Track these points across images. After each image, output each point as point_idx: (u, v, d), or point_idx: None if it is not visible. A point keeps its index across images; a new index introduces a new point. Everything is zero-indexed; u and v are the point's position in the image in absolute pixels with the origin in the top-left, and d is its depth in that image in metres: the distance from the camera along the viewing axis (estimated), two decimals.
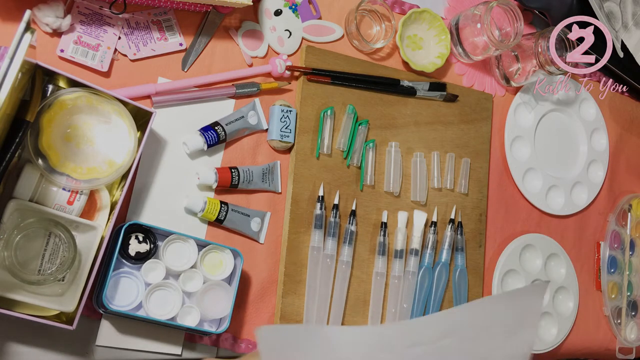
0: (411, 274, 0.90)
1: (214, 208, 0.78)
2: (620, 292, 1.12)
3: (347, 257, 0.85)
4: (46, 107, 0.65)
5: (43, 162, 0.65)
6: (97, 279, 0.70)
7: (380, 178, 0.91)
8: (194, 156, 0.80)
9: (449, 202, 0.96)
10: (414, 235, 0.91)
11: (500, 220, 1.02)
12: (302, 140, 0.86)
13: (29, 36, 0.56)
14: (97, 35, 0.75)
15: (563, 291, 1.05)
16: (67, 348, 0.72)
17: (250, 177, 0.81)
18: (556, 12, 1.07)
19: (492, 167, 1.02)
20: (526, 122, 1.06)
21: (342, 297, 0.85)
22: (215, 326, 0.76)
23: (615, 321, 1.10)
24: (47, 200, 0.67)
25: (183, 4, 0.79)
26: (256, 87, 0.84)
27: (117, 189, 0.74)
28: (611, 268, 1.11)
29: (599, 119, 1.15)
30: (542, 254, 1.03)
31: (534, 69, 0.98)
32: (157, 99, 0.77)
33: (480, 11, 0.94)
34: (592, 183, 1.12)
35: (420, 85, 0.95)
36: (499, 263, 0.99)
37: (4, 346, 0.70)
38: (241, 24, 0.85)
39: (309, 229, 0.84)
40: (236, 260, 0.77)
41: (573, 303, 1.06)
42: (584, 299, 1.08)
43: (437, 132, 0.97)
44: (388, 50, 0.95)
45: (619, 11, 1.12)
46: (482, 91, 1.03)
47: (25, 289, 0.65)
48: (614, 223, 1.13)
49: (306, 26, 0.89)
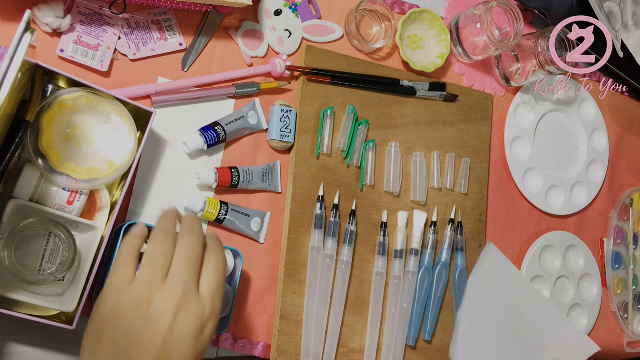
0: (411, 274, 0.90)
1: (214, 208, 0.78)
2: (626, 287, 1.12)
3: (347, 257, 0.85)
4: (46, 107, 0.65)
5: (43, 162, 0.65)
6: (97, 279, 0.70)
7: (380, 178, 0.91)
8: (194, 156, 0.80)
9: (449, 202, 0.96)
10: (414, 235, 0.91)
11: (500, 220, 1.02)
12: (302, 140, 0.86)
13: (29, 36, 0.56)
14: (97, 35, 0.75)
15: (587, 278, 1.09)
16: (67, 348, 0.72)
17: (250, 177, 0.81)
18: (556, 12, 1.08)
19: (492, 167, 1.02)
20: (526, 122, 1.06)
21: (342, 297, 0.85)
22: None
23: (623, 316, 1.11)
24: (47, 200, 0.67)
25: (183, 4, 0.79)
26: (256, 87, 0.84)
27: (117, 189, 0.74)
28: (616, 264, 1.12)
29: (599, 119, 1.15)
30: (560, 251, 1.06)
31: (534, 69, 0.98)
32: (157, 99, 0.77)
33: (480, 11, 0.94)
34: (592, 183, 1.12)
35: (420, 85, 0.95)
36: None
37: (4, 346, 0.70)
38: (241, 24, 0.85)
39: (309, 229, 0.84)
40: (236, 260, 0.77)
41: (597, 289, 1.10)
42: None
43: (437, 132, 0.97)
44: (388, 50, 0.95)
45: (619, 11, 1.12)
46: (482, 91, 1.03)
47: (25, 289, 0.65)
48: (616, 219, 1.14)
49: (306, 26, 0.89)
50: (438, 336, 0.92)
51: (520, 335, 0.96)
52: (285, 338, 0.80)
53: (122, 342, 0.52)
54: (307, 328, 0.81)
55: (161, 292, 0.54)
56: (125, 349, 0.52)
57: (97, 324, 0.54)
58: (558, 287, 1.05)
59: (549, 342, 0.97)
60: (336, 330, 0.84)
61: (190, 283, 0.55)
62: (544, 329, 0.98)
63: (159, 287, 0.54)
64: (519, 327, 0.96)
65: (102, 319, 0.53)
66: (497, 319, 0.93)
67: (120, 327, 0.52)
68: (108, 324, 0.53)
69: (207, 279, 0.57)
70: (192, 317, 0.54)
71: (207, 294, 0.56)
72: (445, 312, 0.93)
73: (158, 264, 0.55)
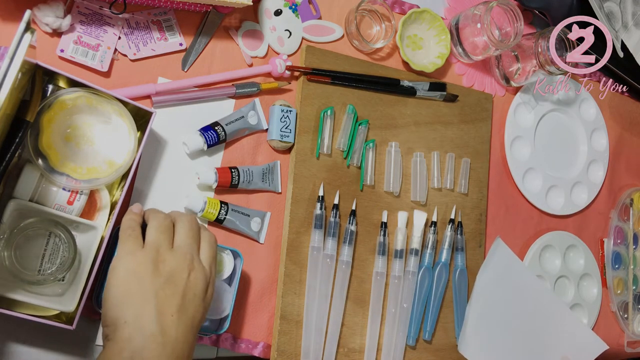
0: (411, 274, 0.90)
1: (214, 208, 0.78)
2: (626, 286, 1.13)
3: (347, 257, 0.85)
4: (46, 107, 0.65)
5: (43, 162, 0.65)
6: (97, 279, 0.70)
7: (380, 178, 0.91)
8: (194, 156, 0.80)
9: (449, 202, 0.96)
10: (414, 235, 0.91)
11: (500, 221, 1.02)
12: (302, 140, 0.86)
13: (29, 36, 0.56)
14: (97, 35, 0.75)
15: (587, 278, 1.09)
16: (67, 348, 0.72)
17: (250, 177, 0.81)
18: (556, 12, 1.08)
19: (492, 167, 1.02)
20: (526, 122, 1.06)
21: (342, 297, 0.85)
22: (215, 326, 0.76)
23: (623, 316, 1.11)
24: (47, 200, 0.67)
25: (183, 4, 0.79)
26: (256, 87, 0.84)
27: (117, 189, 0.74)
28: (616, 264, 1.12)
29: (599, 119, 1.15)
30: (560, 251, 1.06)
31: (534, 69, 0.98)
32: (157, 99, 0.77)
33: (480, 11, 0.94)
34: (592, 183, 1.12)
35: (420, 85, 0.95)
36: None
37: (4, 346, 0.70)
38: (241, 24, 0.85)
39: (309, 229, 0.84)
40: (236, 260, 0.77)
41: (597, 289, 1.10)
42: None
43: (437, 132, 0.97)
44: (388, 50, 0.95)
45: (619, 11, 1.12)
46: (482, 91, 1.03)
47: (25, 289, 0.65)
48: (616, 219, 1.14)
49: (306, 26, 0.89)
50: (438, 336, 0.92)
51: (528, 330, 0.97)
52: (285, 338, 0.80)
53: (148, 295, 0.58)
54: (307, 328, 0.81)
55: (173, 254, 0.62)
56: (152, 301, 0.58)
57: (121, 285, 0.59)
58: (558, 287, 1.05)
59: (557, 339, 0.98)
60: (336, 330, 0.84)
61: (195, 251, 0.64)
62: (552, 325, 0.99)
63: (169, 251, 0.62)
64: (527, 322, 0.97)
65: (125, 279, 0.59)
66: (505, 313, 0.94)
67: (144, 283, 0.59)
68: (133, 281, 0.59)
69: (205, 249, 0.66)
70: (200, 278, 0.63)
71: (206, 262, 0.65)
72: (445, 312, 0.93)
73: (165, 232, 0.64)
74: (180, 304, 0.60)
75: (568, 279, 1.06)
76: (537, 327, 0.98)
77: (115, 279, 0.59)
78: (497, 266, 0.94)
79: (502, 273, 0.95)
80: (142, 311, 0.57)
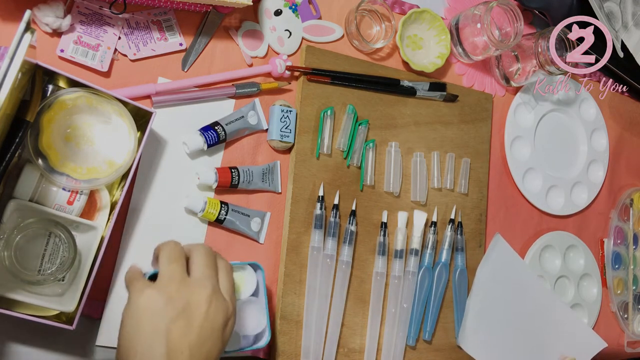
0: (411, 274, 0.90)
1: (214, 208, 0.78)
2: (626, 287, 1.13)
3: (347, 257, 0.85)
4: (46, 107, 0.65)
5: (43, 162, 0.65)
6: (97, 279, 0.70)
7: (380, 178, 0.91)
8: (194, 156, 0.80)
9: (449, 202, 0.96)
10: (414, 235, 0.91)
11: (500, 221, 1.02)
12: (302, 140, 0.86)
13: (29, 36, 0.56)
14: (97, 35, 0.75)
15: (587, 278, 1.09)
16: (67, 348, 0.72)
17: (250, 177, 0.81)
18: (556, 12, 1.08)
19: (492, 167, 1.02)
20: (526, 122, 1.06)
21: (342, 297, 0.85)
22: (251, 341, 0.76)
23: (623, 316, 1.11)
24: (47, 200, 0.67)
25: (183, 4, 0.79)
26: (256, 87, 0.84)
27: (117, 189, 0.74)
28: (616, 264, 1.12)
29: (599, 119, 1.15)
30: (560, 251, 1.06)
31: (534, 69, 0.98)
32: (157, 99, 0.77)
33: (480, 11, 0.94)
34: (592, 183, 1.12)
35: (420, 85, 0.95)
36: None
37: (4, 346, 0.70)
38: (241, 24, 0.85)
39: (309, 229, 0.84)
40: (257, 273, 0.77)
41: (597, 289, 1.10)
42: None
43: (437, 132, 0.97)
44: (388, 50, 0.95)
45: (619, 11, 1.12)
46: (482, 91, 1.03)
47: (25, 289, 0.65)
48: (616, 219, 1.14)
49: (306, 26, 0.89)
50: (438, 336, 0.92)
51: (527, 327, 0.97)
52: (285, 338, 0.80)
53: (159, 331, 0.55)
54: (307, 328, 0.81)
55: (189, 286, 0.58)
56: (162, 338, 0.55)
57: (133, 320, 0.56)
58: (558, 287, 1.05)
59: (556, 336, 0.98)
60: (336, 331, 0.84)
61: (215, 282, 0.60)
62: (550, 323, 0.99)
63: (184, 282, 0.58)
64: (525, 319, 0.97)
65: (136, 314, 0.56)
66: (504, 307, 0.94)
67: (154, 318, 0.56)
68: (143, 317, 0.56)
69: (223, 279, 0.62)
70: (220, 312, 0.59)
71: (226, 293, 0.61)
72: (445, 312, 0.93)
73: (177, 260, 0.60)
74: (195, 341, 0.56)
75: (568, 279, 1.06)
76: (536, 322, 0.98)
77: (127, 317, 0.57)
78: (496, 262, 0.94)
79: (501, 269, 0.95)
80: (151, 350, 0.55)
